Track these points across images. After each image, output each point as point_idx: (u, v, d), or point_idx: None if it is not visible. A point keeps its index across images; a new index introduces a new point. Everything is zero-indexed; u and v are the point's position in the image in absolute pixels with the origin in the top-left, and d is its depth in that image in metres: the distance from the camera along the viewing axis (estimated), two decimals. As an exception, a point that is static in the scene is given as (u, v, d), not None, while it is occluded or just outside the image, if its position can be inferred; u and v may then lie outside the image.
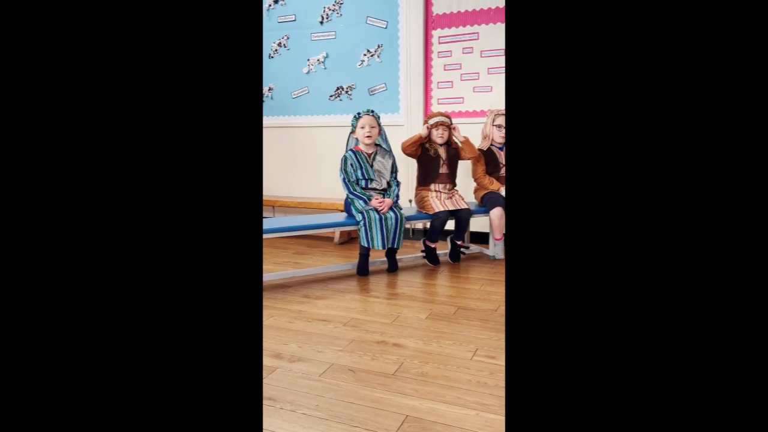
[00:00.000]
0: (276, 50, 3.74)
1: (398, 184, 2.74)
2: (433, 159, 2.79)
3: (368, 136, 2.60)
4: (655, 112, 0.62)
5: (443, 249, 2.93)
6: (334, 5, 3.51)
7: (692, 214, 0.61)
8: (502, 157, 2.95)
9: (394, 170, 2.73)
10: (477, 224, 3.15)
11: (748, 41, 0.59)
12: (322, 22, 3.56)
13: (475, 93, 3.23)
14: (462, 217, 2.77)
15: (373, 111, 2.66)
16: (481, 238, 3.22)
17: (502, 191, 2.87)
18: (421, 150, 2.79)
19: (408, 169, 3.26)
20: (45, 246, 0.64)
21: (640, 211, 0.63)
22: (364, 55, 3.47)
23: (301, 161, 3.78)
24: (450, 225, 2.82)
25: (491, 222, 2.85)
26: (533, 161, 0.66)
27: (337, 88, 3.60)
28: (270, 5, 3.70)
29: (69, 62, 0.64)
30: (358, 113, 2.64)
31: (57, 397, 0.64)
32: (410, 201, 3.27)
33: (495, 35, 3.11)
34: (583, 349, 0.63)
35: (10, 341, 0.63)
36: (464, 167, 3.02)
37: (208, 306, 0.67)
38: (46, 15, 0.64)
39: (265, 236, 2.42)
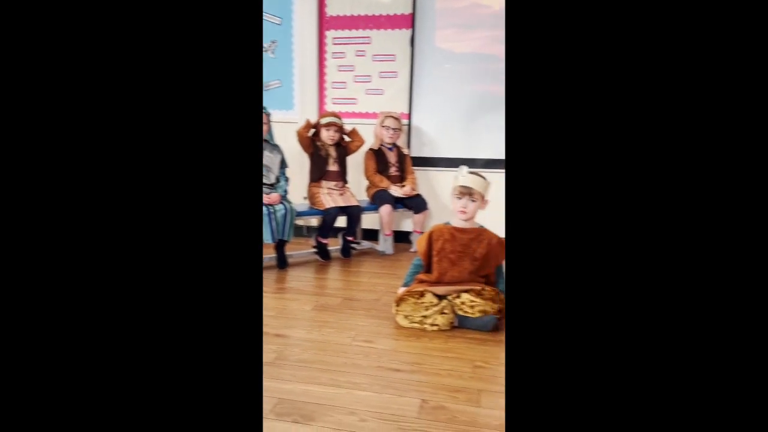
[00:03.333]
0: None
1: (287, 179, 2.76)
2: (323, 158, 2.86)
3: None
4: (656, 120, 0.62)
5: (335, 245, 3.00)
6: (227, -2, 3.44)
7: (699, 217, 0.61)
8: (391, 156, 3.09)
9: (283, 166, 2.75)
10: (368, 221, 3.26)
11: (746, 43, 0.59)
12: (214, 15, 3.47)
13: (368, 95, 3.34)
14: (352, 213, 2.86)
15: (263, 107, 2.65)
16: (372, 234, 3.33)
17: (392, 189, 3.00)
18: (313, 147, 2.85)
19: (301, 166, 3.29)
20: (44, 245, 0.62)
21: (642, 219, 0.62)
22: (259, 51, 3.44)
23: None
24: (342, 221, 2.90)
25: (381, 218, 2.97)
26: (533, 167, 0.66)
27: (231, 83, 3.52)
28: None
29: (68, 63, 0.63)
30: (248, 108, 2.63)
31: (54, 399, 0.62)
32: (305, 198, 3.30)
33: (386, 41, 3.24)
34: (585, 361, 0.63)
35: (11, 341, 0.61)
36: (356, 166, 3.11)
37: (208, 304, 0.66)
38: (45, 14, 0.62)
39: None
